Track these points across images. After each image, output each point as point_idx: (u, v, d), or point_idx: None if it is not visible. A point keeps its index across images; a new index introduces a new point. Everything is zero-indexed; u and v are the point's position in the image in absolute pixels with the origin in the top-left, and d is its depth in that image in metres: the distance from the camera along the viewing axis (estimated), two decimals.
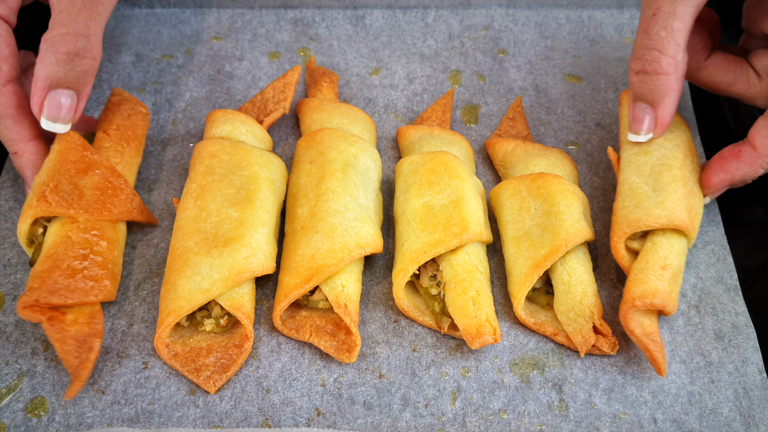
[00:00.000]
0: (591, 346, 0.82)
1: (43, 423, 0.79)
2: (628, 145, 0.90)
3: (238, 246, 0.83)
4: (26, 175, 0.91)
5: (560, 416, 0.81)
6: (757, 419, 0.80)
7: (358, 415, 0.81)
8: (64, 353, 0.78)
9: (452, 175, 0.89)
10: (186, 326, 0.85)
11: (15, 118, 0.87)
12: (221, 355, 0.83)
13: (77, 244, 0.83)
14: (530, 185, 0.91)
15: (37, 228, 0.87)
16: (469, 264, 0.84)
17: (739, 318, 0.88)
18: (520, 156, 0.99)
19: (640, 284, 0.80)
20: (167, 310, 0.81)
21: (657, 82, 0.83)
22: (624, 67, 1.16)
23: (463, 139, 1.01)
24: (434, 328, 0.86)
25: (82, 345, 0.79)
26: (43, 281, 0.79)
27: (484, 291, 0.83)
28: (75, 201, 0.85)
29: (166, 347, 0.83)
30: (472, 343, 0.80)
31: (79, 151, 0.89)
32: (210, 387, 0.81)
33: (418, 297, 0.88)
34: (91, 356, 0.79)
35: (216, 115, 0.99)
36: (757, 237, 0.97)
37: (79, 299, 0.80)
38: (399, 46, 1.18)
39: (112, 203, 0.88)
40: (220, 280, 0.81)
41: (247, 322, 0.82)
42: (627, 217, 0.84)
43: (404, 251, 0.86)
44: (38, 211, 0.84)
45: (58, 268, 0.81)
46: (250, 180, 0.90)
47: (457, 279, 0.83)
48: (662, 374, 0.80)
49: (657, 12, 0.80)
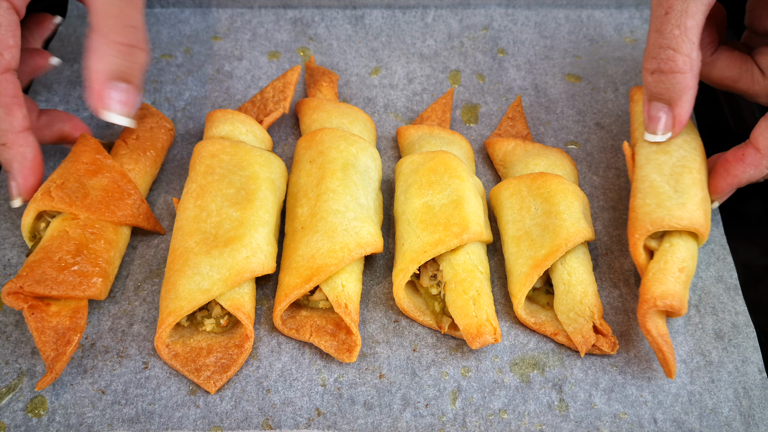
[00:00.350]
0: (591, 345, 0.83)
1: (44, 423, 0.79)
2: (645, 143, 0.90)
3: (239, 246, 0.83)
4: (13, 168, 0.88)
5: (560, 416, 0.81)
6: (757, 419, 0.80)
7: (359, 415, 0.81)
8: (41, 344, 0.78)
9: (452, 174, 0.89)
10: (186, 326, 0.85)
11: (8, 107, 0.85)
12: (221, 355, 0.83)
13: (73, 239, 0.84)
14: (530, 185, 0.91)
15: (41, 223, 0.87)
16: (469, 264, 0.84)
17: (739, 317, 0.88)
18: (520, 155, 0.99)
19: (660, 284, 0.80)
20: (167, 310, 0.81)
21: (674, 81, 0.83)
22: (624, 67, 1.16)
23: (463, 138, 1.01)
24: (435, 328, 0.86)
25: (61, 338, 0.79)
26: (31, 270, 0.80)
27: (485, 291, 0.83)
28: (78, 199, 0.86)
29: (167, 347, 0.83)
30: (472, 343, 0.80)
31: (92, 154, 0.90)
32: (210, 387, 0.81)
33: (418, 297, 0.88)
34: (68, 350, 0.78)
35: (216, 115, 0.99)
36: (757, 237, 0.97)
37: (64, 292, 0.80)
38: (398, 45, 1.18)
39: (117, 206, 0.88)
40: (221, 280, 0.81)
41: (247, 322, 0.82)
42: (650, 215, 0.83)
43: (404, 251, 0.86)
44: (41, 205, 0.85)
45: (50, 260, 0.81)
46: (250, 180, 0.90)
47: (457, 279, 0.83)
48: (671, 376, 0.80)
49: (669, 11, 0.80)
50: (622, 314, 0.89)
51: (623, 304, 0.89)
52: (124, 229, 0.90)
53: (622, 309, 0.89)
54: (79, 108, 1.08)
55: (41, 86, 1.10)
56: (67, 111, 1.07)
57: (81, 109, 1.08)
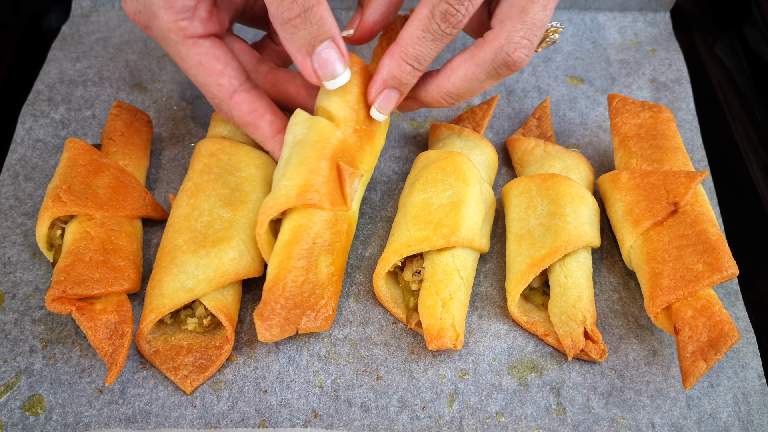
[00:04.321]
0: (580, 350, 0.82)
1: (41, 421, 0.79)
2: None
3: (226, 247, 0.84)
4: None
5: (558, 420, 0.80)
6: (755, 425, 0.80)
7: (355, 417, 0.80)
8: (97, 341, 0.79)
9: (459, 177, 0.89)
10: (169, 324, 0.85)
11: (253, 125, 0.88)
12: (200, 356, 0.83)
13: (96, 238, 0.85)
14: (540, 185, 0.91)
15: (56, 231, 0.88)
16: (450, 266, 0.84)
17: (739, 323, 0.87)
18: (537, 156, 0.98)
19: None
20: (150, 306, 0.82)
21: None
22: (627, 70, 1.16)
23: (489, 145, 0.99)
24: (404, 322, 0.86)
25: (115, 332, 0.80)
26: (67, 274, 0.81)
27: (458, 296, 0.83)
28: (89, 199, 0.86)
29: (148, 343, 0.83)
30: (429, 343, 0.80)
31: (88, 155, 0.91)
32: (186, 386, 0.81)
33: (397, 288, 0.88)
34: (125, 342, 0.79)
35: (219, 115, 0.99)
36: (757, 238, 0.97)
37: (105, 289, 0.81)
38: None
39: (126, 200, 0.89)
40: (205, 280, 0.82)
41: (228, 324, 0.82)
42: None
43: (392, 241, 0.87)
44: (55, 212, 0.85)
45: (81, 261, 0.82)
46: (246, 182, 0.90)
47: (434, 279, 0.83)
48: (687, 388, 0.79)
49: None
50: (622, 318, 0.88)
51: (623, 307, 0.89)
52: (137, 221, 0.92)
53: (621, 313, 0.89)
54: (81, 108, 1.08)
55: (43, 85, 1.11)
56: (68, 110, 1.08)
57: (83, 108, 1.08)
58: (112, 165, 0.92)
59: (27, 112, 1.07)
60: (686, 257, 0.82)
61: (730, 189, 1.02)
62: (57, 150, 1.03)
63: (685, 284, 0.80)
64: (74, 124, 1.06)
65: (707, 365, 0.77)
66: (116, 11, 1.23)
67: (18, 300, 0.88)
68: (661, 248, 0.84)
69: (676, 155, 0.92)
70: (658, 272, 0.83)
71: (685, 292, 0.80)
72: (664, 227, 0.86)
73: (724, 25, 1.23)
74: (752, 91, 1.12)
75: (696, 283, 0.80)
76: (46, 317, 0.87)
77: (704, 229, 0.84)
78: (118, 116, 0.99)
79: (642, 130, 0.95)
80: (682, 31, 1.23)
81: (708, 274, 0.81)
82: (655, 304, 0.81)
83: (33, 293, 0.89)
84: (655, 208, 0.86)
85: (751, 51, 1.17)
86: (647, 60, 1.17)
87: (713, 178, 1.02)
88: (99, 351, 0.79)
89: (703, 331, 0.78)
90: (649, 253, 0.85)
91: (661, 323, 0.82)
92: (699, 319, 0.78)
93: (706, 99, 1.13)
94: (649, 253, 0.85)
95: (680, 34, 1.22)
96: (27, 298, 0.88)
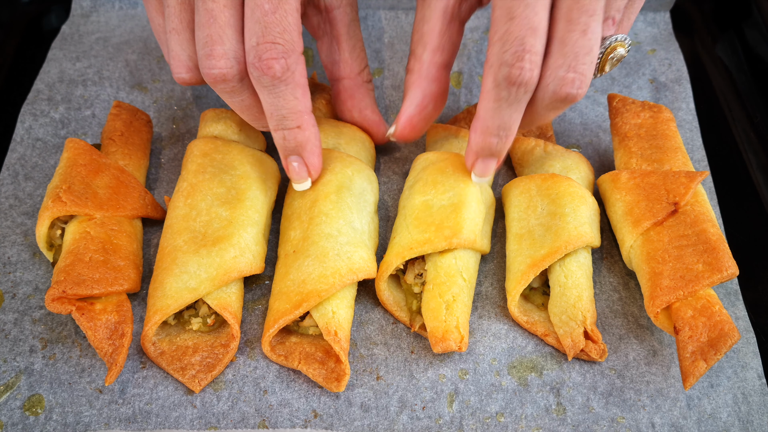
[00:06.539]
0: (579, 350, 0.82)
1: (41, 421, 0.79)
2: None
3: (227, 245, 0.84)
4: (306, 149, 0.89)
5: (558, 420, 0.80)
6: (755, 425, 0.80)
7: (355, 417, 0.80)
8: (97, 341, 0.79)
9: (459, 178, 0.89)
10: (173, 325, 0.85)
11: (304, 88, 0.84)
12: (207, 354, 0.83)
13: (96, 238, 0.85)
14: (540, 185, 0.91)
15: (56, 231, 0.88)
16: (453, 268, 0.84)
17: (739, 323, 0.87)
18: (537, 156, 0.98)
19: None
20: (154, 308, 0.81)
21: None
22: (626, 70, 1.16)
23: None
24: (407, 325, 0.86)
25: (115, 332, 0.80)
26: (67, 274, 0.81)
27: (461, 298, 0.83)
28: (89, 199, 0.86)
29: (153, 345, 0.83)
30: (434, 346, 0.80)
31: (88, 155, 0.91)
32: (195, 386, 0.81)
33: (400, 291, 0.88)
34: (125, 342, 0.79)
35: (209, 114, 0.99)
36: (757, 238, 0.97)
37: (104, 289, 0.81)
38: (401, 47, 1.18)
39: (125, 200, 0.89)
40: (208, 279, 0.81)
41: (233, 322, 0.82)
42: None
43: (393, 245, 0.86)
44: (54, 212, 0.85)
45: (81, 261, 0.82)
46: (241, 179, 0.90)
47: (437, 281, 0.83)
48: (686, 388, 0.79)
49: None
50: (622, 318, 0.88)
51: (623, 307, 0.89)
52: (137, 221, 0.92)
53: (621, 313, 0.89)
54: (81, 107, 1.08)
55: (43, 85, 1.11)
56: (68, 110, 1.08)
57: (83, 108, 1.08)
58: (112, 165, 0.92)
59: (27, 112, 1.07)
60: (686, 257, 0.82)
61: (730, 189, 1.02)
62: (57, 149, 1.03)
63: (685, 284, 0.81)
64: (74, 124, 1.06)
65: (707, 365, 0.77)
66: (116, 11, 1.23)
67: (18, 300, 0.88)
68: (661, 248, 0.84)
69: (676, 155, 0.92)
70: (658, 272, 0.83)
71: (685, 292, 0.80)
72: (664, 227, 0.86)
73: (724, 25, 1.23)
74: (752, 91, 1.12)
75: (696, 283, 0.80)
76: (46, 317, 0.87)
77: (704, 229, 0.84)
78: (118, 116, 0.99)
79: (642, 130, 0.95)
80: (682, 31, 1.23)
81: (708, 274, 0.81)
82: (655, 304, 0.81)
83: (33, 293, 0.89)
84: (655, 208, 0.86)
85: (751, 51, 1.17)
86: (647, 60, 1.17)
87: (713, 178, 1.02)
88: (99, 351, 0.79)
89: (703, 331, 0.78)
90: (649, 253, 0.85)
91: (661, 323, 0.82)
92: (699, 319, 0.78)
93: (706, 99, 1.13)
94: (649, 253, 0.85)
95: (680, 34, 1.22)
96: (27, 298, 0.88)
